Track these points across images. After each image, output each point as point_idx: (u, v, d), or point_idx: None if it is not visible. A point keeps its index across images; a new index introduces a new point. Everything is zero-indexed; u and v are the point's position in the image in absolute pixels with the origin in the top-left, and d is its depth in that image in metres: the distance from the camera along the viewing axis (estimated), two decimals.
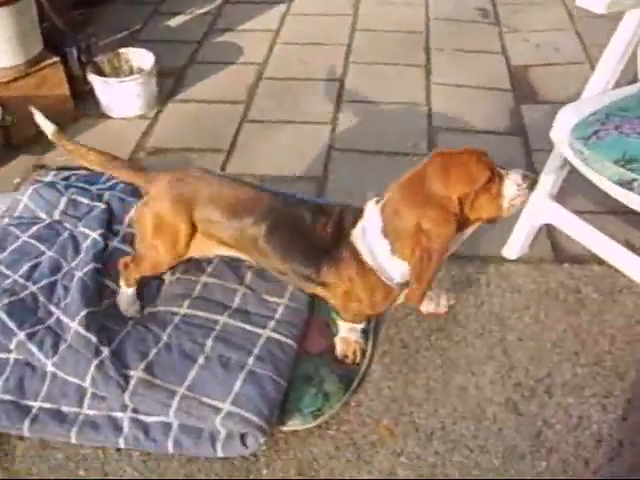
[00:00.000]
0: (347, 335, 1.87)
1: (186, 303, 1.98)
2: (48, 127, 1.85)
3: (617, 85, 1.96)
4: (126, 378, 1.77)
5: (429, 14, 3.76)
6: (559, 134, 1.83)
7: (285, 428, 1.74)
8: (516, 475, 1.65)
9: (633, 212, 1.70)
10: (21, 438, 1.73)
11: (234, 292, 2.01)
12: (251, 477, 1.66)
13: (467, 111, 2.90)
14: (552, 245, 2.26)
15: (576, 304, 2.07)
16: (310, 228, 1.64)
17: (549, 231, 2.27)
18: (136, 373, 1.78)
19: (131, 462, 1.69)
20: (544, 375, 1.87)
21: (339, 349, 1.88)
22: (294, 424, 1.74)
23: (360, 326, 1.87)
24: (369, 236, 1.56)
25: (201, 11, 3.80)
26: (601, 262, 2.09)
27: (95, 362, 1.78)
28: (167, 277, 2.07)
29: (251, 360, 1.81)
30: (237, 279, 2.05)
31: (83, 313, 1.87)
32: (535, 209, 2.10)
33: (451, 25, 3.65)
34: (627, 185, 1.66)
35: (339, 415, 1.78)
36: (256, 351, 1.83)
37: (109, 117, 2.93)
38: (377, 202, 1.58)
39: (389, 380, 1.86)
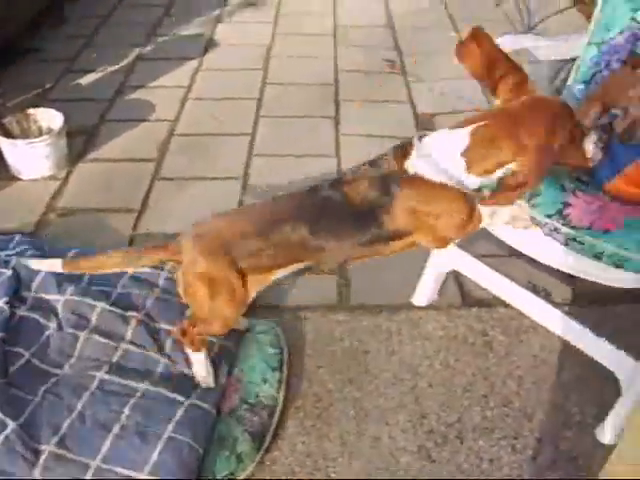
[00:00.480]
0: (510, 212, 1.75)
1: (104, 368, 1.94)
2: (55, 265, 1.84)
3: None
4: (36, 453, 1.71)
5: (338, 66, 3.86)
6: None
7: None
8: None
9: None
10: None
11: (155, 360, 1.98)
12: None
13: None
14: (460, 290, 2.33)
15: (484, 347, 2.13)
16: (345, 197, 1.61)
17: (456, 276, 2.33)
18: (47, 447, 1.73)
19: None
20: (455, 420, 1.91)
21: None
22: None
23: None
24: (439, 157, 1.57)
25: (113, 68, 3.80)
26: (507, 304, 2.16)
27: (0, 438, 1.72)
28: (82, 335, 2.03)
29: (170, 427, 1.78)
30: (158, 348, 2.02)
31: None
32: (440, 256, 2.16)
33: (360, 77, 3.75)
34: None
35: (254, 475, 1.77)
36: (176, 418, 1.80)
37: (18, 179, 2.89)
38: (453, 128, 1.61)
39: (303, 435, 1.86)
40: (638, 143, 1.77)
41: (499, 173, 1.58)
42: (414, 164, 1.59)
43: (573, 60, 2.19)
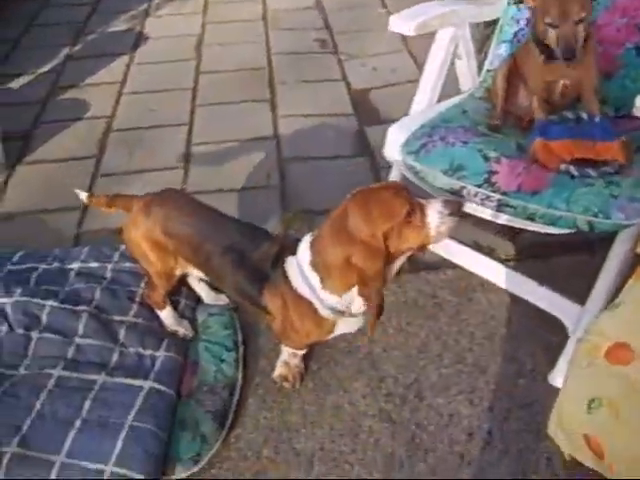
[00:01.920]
0: (288, 360, 1.92)
1: (60, 365, 1.93)
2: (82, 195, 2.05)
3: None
4: None
5: (270, 50, 3.87)
6: (391, 152, 1.93)
7: (168, 478, 1.73)
8: None
9: None
10: None
11: (110, 351, 1.98)
12: None
13: (314, 139, 3.01)
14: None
15: (434, 308, 2.17)
16: (256, 252, 1.69)
17: None
18: (9, 449, 1.71)
19: None
20: (412, 381, 1.95)
21: (278, 372, 1.93)
22: (177, 473, 1.73)
23: (301, 352, 1.91)
24: (302, 269, 1.60)
25: (43, 70, 3.75)
26: (453, 266, 2.21)
27: None
28: (34, 334, 2.02)
29: (131, 416, 1.78)
30: (111, 338, 2.02)
31: None
32: None
33: (292, 58, 3.76)
34: (458, 193, 1.77)
35: (220, 453, 1.78)
36: (137, 405, 1.81)
37: None
38: (312, 236, 1.62)
39: (265, 411, 1.88)
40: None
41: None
42: (291, 265, 1.64)
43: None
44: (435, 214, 1.49)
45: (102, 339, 2.01)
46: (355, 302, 1.60)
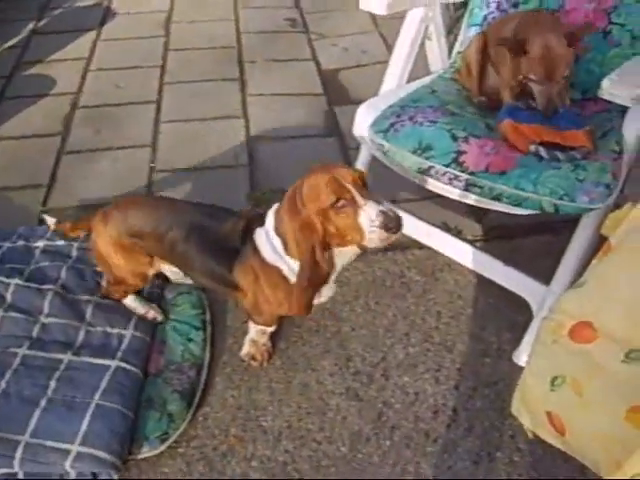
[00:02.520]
0: (256, 338, 1.92)
1: (25, 344, 1.91)
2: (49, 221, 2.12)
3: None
4: None
5: (240, 28, 3.84)
6: (360, 131, 1.93)
7: (135, 457, 1.73)
8: (364, 456, 1.73)
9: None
10: None
11: (76, 330, 1.97)
12: None
13: (283, 118, 3.00)
14: None
15: (402, 288, 2.19)
16: (222, 230, 1.72)
17: None
18: None
19: None
20: (379, 360, 1.97)
21: (246, 351, 1.94)
22: (144, 452, 1.73)
23: (270, 329, 1.91)
24: (269, 235, 1.63)
25: (8, 44, 3.67)
26: (421, 246, 2.23)
27: None
28: None
29: (97, 395, 1.77)
30: (77, 317, 2.00)
31: None
32: None
33: (262, 37, 3.74)
34: (426, 172, 1.78)
35: (187, 432, 1.78)
36: (103, 385, 1.80)
37: None
38: (277, 205, 1.64)
39: (232, 389, 1.89)
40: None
41: None
42: (259, 235, 1.67)
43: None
44: (366, 219, 1.46)
45: (68, 318, 1.99)
46: None
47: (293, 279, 1.63)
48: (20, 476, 1.65)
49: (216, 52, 3.58)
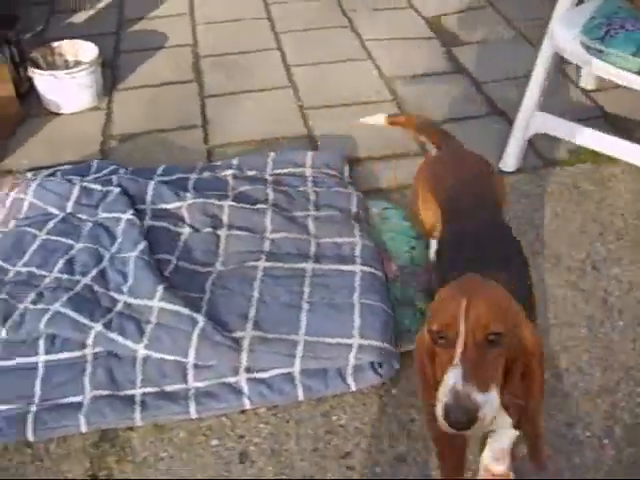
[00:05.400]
0: None
1: (261, 258, 1.98)
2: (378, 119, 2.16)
3: None
4: (236, 340, 1.74)
5: None
6: (565, 41, 2.08)
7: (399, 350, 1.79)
8: (604, 336, 1.87)
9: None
10: (130, 429, 1.66)
11: (307, 242, 2.04)
12: (383, 399, 1.72)
13: (409, 59, 3.13)
14: (536, 154, 2.52)
15: (580, 196, 2.34)
16: None
17: (531, 143, 2.50)
18: (246, 333, 1.76)
19: (261, 419, 1.68)
20: (585, 256, 2.11)
21: None
22: (406, 345, 1.79)
23: None
24: None
25: (101, 5, 3.70)
26: (588, 160, 2.40)
27: (196, 332, 1.74)
28: (222, 232, 2.08)
29: (356, 295, 1.84)
30: (303, 231, 2.08)
31: (160, 289, 1.85)
32: (524, 121, 2.35)
33: None
34: None
35: None
36: (357, 286, 1.87)
37: (58, 114, 2.83)
38: None
39: None
40: None
41: None
42: None
43: None
44: (445, 381, 1.08)
45: (294, 232, 2.07)
46: None
47: None
48: (297, 374, 1.71)
49: (317, 3, 3.67)
